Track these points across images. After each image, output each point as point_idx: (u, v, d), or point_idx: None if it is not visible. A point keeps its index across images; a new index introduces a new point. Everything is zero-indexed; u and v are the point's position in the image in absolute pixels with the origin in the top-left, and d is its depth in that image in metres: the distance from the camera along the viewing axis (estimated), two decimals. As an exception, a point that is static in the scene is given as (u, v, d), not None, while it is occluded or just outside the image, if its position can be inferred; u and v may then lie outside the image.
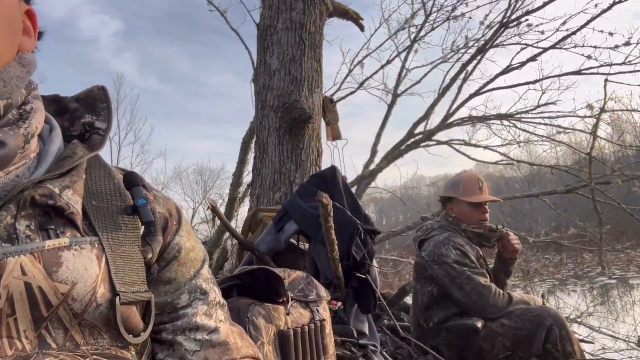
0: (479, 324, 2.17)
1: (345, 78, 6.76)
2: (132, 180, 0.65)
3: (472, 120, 6.15)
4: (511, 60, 5.98)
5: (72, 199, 0.56)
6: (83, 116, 0.66)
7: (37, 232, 0.52)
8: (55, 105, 0.68)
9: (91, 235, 0.56)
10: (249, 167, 5.68)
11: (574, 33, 5.44)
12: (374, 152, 6.44)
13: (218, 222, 5.83)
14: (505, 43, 6.11)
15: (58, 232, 0.53)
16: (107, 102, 0.67)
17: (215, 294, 0.71)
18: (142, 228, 0.62)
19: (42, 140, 0.61)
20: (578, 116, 5.74)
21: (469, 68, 6.19)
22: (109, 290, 0.55)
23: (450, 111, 6.10)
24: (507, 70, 6.00)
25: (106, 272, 0.56)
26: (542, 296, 2.85)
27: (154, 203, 0.66)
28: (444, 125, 6.01)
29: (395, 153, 5.96)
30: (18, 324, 0.49)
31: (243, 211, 6.28)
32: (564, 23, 5.56)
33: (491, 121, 6.25)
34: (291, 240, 2.29)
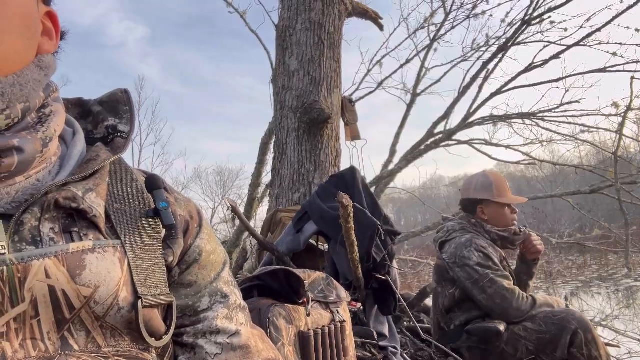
0: (502, 327, 2.13)
1: (364, 78, 6.72)
2: (154, 184, 0.64)
3: (493, 119, 6.05)
4: (533, 58, 5.85)
5: (95, 202, 0.56)
6: (106, 119, 0.66)
7: (61, 235, 0.52)
8: (79, 108, 0.69)
9: (113, 238, 0.56)
10: (268, 167, 5.72)
11: (598, 30, 5.31)
12: (392, 152, 6.40)
13: (237, 222, 5.87)
14: (527, 41, 5.96)
15: (81, 235, 0.54)
16: (130, 105, 0.67)
17: (236, 296, 0.70)
18: (164, 231, 0.62)
19: (65, 144, 0.62)
20: (603, 115, 5.60)
21: (490, 67, 6.08)
22: (131, 294, 0.55)
23: (471, 110, 6.01)
24: (529, 68, 5.86)
25: (128, 276, 0.56)
26: (565, 298, 2.80)
27: (175, 206, 0.66)
28: (465, 124, 5.92)
29: (415, 153, 5.90)
30: (42, 326, 0.50)
31: (262, 211, 6.31)
32: (588, 20, 5.43)
33: (513, 120, 6.13)
34: (310, 240, 2.28)
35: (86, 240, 0.53)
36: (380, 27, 4.63)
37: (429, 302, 3.01)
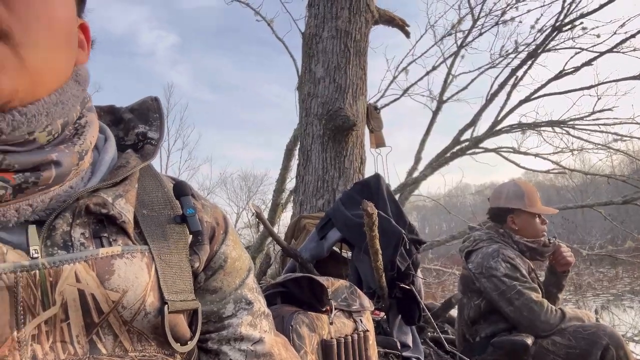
0: (529, 341, 2.08)
1: (390, 85, 6.69)
2: (181, 190, 0.65)
3: (521, 127, 5.94)
4: (564, 65, 5.76)
5: (125, 208, 0.57)
6: (137, 126, 0.67)
7: (91, 240, 0.53)
8: (111, 115, 0.70)
9: (141, 244, 0.57)
10: (292, 173, 5.75)
11: (633, 36, 5.17)
12: (417, 159, 6.33)
13: (261, 227, 5.91)
14: (558, 47, 5.87)
15: (111, 240, 0.54)
16: (159, 113, 0.68)
17: (260, 304, 0.70)
18: (190, 237, 0.62)
19: (96, 149, 0.63)
20: (637, 123, 5.44)
21: (519, 73, 6.01)
22: (157, 299, 0.56)
23: (499, 118, 5.93)
24: (560, 75, 5.77)
25: (155, 281, 0.56)
26: (596, 312, 2.71)
27: (202, 212, 0.66)
28: (492, 132, 5.83)
29: (440, 161, 5.84)
30: (71, 329, 0.51)
31: (286, 217, 6.33)
32: (622, 25, 5.30)
33: (542, 128, 6.02)
34: (334, 248, 2.27)
35: (115, 246, 0.54)
36: (407, 34, 4.61)
37: (453, 312, 2.95)
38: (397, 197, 5.10)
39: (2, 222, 0.49)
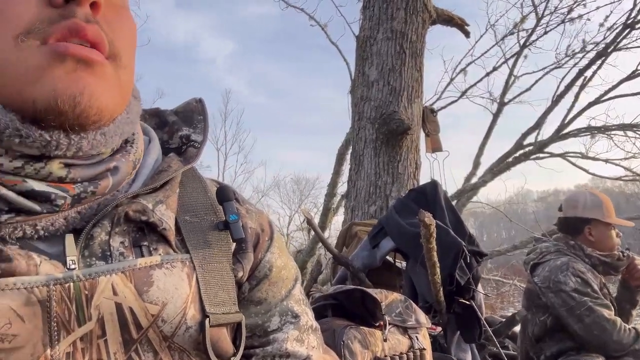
0: (599, 362, 1.94)
1: (447, 87, 6.54)
2: (224, 195, 0.62)
3: (590, 130, 5.62)
4: (638, 65, 5.46)
5: (165, 215, 0.54)
6: (181, 129, 0.66)
7: (131, 249, 0.51)
8: (156, 118, 0.69)
9: (183, 252, 0.55)
10: (344, 178, 5.73)
11: None
12: (476, 164, 6.16)
13: (313, 232, 5.91)
14: (629, 46, 5.56)
15: (151, 249, 0.52)
16: (204, 115, 0.66)
17: (308, 317, 0.66)
18: (234, 245, 0.60)
19: None
20: None
21: (587, 74, 5.72)
22: (198, 312, 0.53)
23: (566, 121, 5.64)
24: (632, 76, 5.48)
25: (196, 292, 0.53)
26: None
27: (246, 218, 0.64)
28: (558, 136, 5.54)
29: (502, 166, 5.60)
30: (108, 346, 0.48)
31: (337, 221, 6.32)
32: None
33: (613, 132, 5.69)
34: (387, 257, 2.20)
35: (155, 255, 0.52)
36: (467, 34, 4.45)
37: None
38: (453, 203, 4.94)
39: (50, 232, 0.48)
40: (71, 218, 0.49)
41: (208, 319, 0.53)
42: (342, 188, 5.90)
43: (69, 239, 0.49)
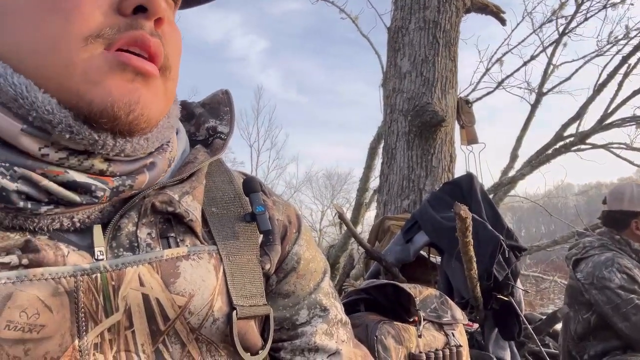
0: (650, 364, 1.86)
1: (482, 77, 6.39)
2: (251, 186, 0.62)
3: (635, 120, 5.35)
4: None
5: (192, 206, 0.54)
6: (207, 121, 0.66)
7: (158, 241, 0.51)
8: (183, 110, 0.68)
9: (210, 243, 0.55)
10: (376, 172, 5.68)
11: None
12: (514, 157, 6.00)
13: (345, 227, 5.90)
14: (677, 30, 5.23)
15: (178, 240, 0.52)
16: (230, 106, 0.66)
17: (337, 310, 0.65)
18: (261, 237, 0.59)
19: None
20: None
21: (632, 61, 5.44)
22: (226, 304, 0.53)
23: (609, 110, 5.39)
24: (681, 61, 5.13)
25: (223, 284, 0.53)
26: None
27: (273, 209, 0.64)
28: (601, 126, 5.30)
29: (541, 158, 5.41)
30: (136, 338, 0.48)
31: (369, 216, 6.29)
32: None
33: (660, 121, 5.37)
34: (421, 252, 2.15)
35: (182, 246, 0.52)
36: (503, 22, 4.31)
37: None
38: (490, 197, 4.80)
39: (85, 224, 0.49)
40: (107, 211, 0.50)
41: (235, 311, 0.52)
42: (374, 182, 5.87)
43: (97, 229, 0.49)
